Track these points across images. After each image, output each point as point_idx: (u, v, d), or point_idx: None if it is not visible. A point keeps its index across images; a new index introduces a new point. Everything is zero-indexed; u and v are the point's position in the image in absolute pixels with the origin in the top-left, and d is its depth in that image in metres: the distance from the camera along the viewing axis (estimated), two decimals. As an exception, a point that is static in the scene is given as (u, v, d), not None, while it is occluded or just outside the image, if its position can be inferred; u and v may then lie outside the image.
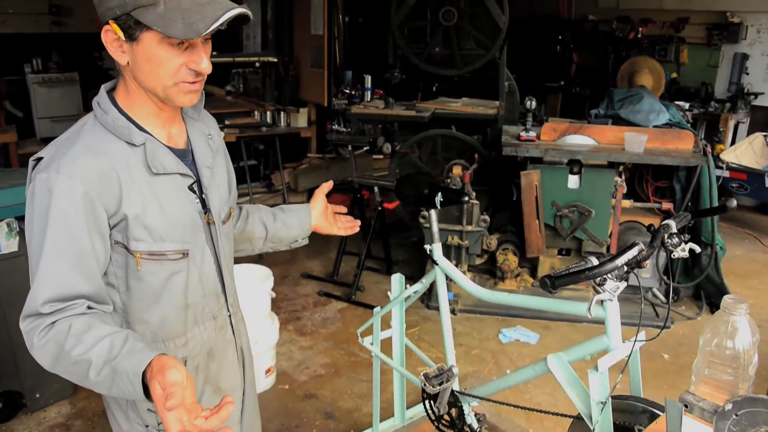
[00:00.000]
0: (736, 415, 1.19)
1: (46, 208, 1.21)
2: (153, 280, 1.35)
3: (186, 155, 1.41)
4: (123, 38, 1.22)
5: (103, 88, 1.34)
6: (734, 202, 1.81)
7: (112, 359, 1.13)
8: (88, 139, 1.27)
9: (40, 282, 1.21)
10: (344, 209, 1.93)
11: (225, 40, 8.35)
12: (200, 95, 1.42)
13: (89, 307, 1.23)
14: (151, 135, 1.33)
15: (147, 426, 1.43)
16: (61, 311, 1.19)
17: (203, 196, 1.43)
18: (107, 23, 1.22)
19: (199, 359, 1.48)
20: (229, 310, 1.56)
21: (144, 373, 1.10)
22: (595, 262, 1.50)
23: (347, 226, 1.90)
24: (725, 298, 1.34)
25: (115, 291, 1.34)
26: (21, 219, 2.86)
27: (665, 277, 4.31)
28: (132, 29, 1.20)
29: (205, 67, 1.26)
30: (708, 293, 4.42)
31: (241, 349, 1.65)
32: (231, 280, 1.56)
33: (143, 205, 1.29)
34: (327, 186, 1.85)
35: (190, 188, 1.40)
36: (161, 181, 1.33)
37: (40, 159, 1.27)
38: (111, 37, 1.24)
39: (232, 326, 1.58)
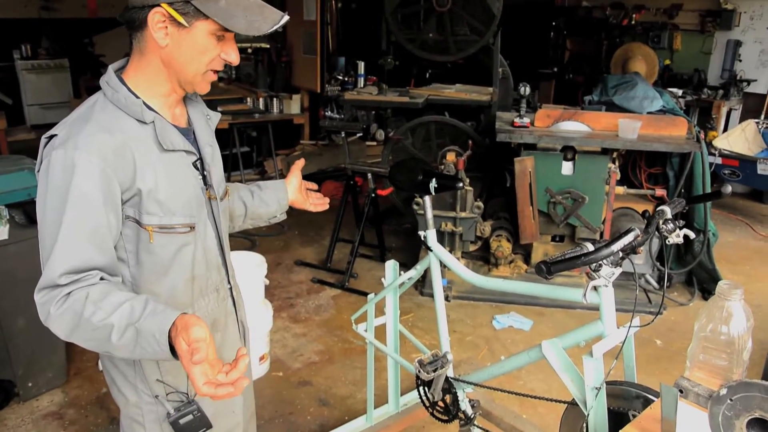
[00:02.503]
0: (731, 399, 1.20)
1: (66, 184, 1.24)
2: (164, 252, 1.40)
3: (188, 134, 1.47)
4: (177, 22, 1.27)
5: (111, 68, 1.39)
6: (729, 188, 1.80)
7: (135, 321, 1.18)
8: (101, 116, 1.31)
9: (57, 254, 1.24)
10: (315, 186, 1.98)
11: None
12: None
13: (102, 278, 1.27)
14: (158, 114, 1.38)
15: (156, 396, 1.47)
16: (76, 282, 1.24)
17: (205, 173, 1.50)
18: (158, 5, 1.26)
19: None
20: (229, 283, 1.63)
21: (168, 333, 1.15)
22: (591, 247, 1.49)
23: (317, 203, 1.94)
24: (720, 283, 1.34)
25: (125, 265, 1.38)
26: (11, 206, 2.83)
27: (658, 264, 4.32)
28: (188, 16, 1.26)
29: (235, 58, 1.35)
30: (700, 279, 4.44)
31: (242, 322, 1.72)
32: (229, 254, 1.63)
33: (155, 181, 1.34)
34: (300, 163, 1.92)
35: (194, 165, 1.45)
36: (170, 157, 1.38)
37: (52, 137, 1.30)
38: (158, 18, 1.27)
39: (233, 298, 1.65)
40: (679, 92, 6.67)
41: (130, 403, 1.49)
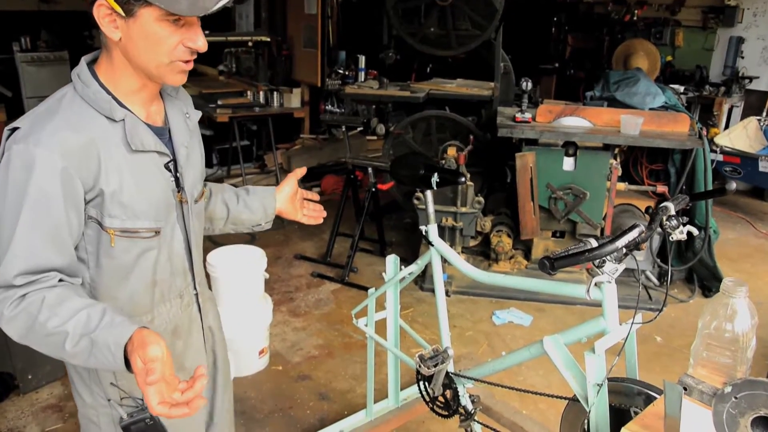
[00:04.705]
0: (736, 397, 1.19)
1: (24, 181, 1.20)
2: (125, 257, 1.36)
3: (163, 133, 1.41)
4: (119, 13, 1.20)
5: (83, 61, 1.33)
6: (734, 185, 1.80)
7: (91, 332, 1.15)
8: (68, 112, 1.26)
9: (13, 254, 1.20)
10: (316, 197, 1.87)
11: (217, 19, 8.24)
12: None
13: (61, 280, 1.23)
14: (130, 111, 1.32)
15: (109, 400, 1.44)
16: (33, 283, 1.20)
17: (178, 174, 1.43)
18: None
19: (164, 337, 1.48)
20: (195, 289, 1.57)
21: (125, 346, 1.12)
22: (594, 243, 1.48)
23: (311, 215, 1.83)
24: (725, 280, 1.33)
25: (85, 266, 1.35)
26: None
27: (658, 260, 4.32)
28: (130, 4, 1.19)
29: (202, 44, 1.26)
30: (701, 276, 4.44)
31: (209, 329, 1.67)
32: (199, 259, 1.56)
33: (120, 182, 1.29)
34: (300, 171, 1.80)
35: (166, 166, 1.40)
36: (139, 158, 1.33)
37: (15, 129, 1.24)
38: (104, 12, 1.21)
39: (198, 305, 1.60)
40: (681, 89, 6.63)
41: (86, 404, 1.48)
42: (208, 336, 1.66)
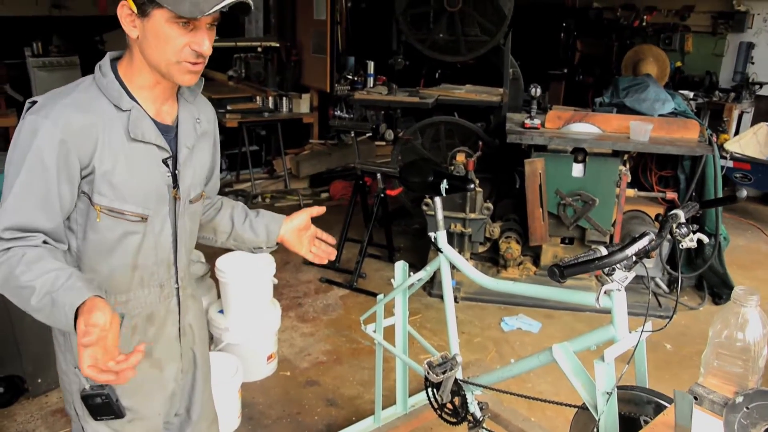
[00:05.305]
0: (747, 408, 1.18)
1: (27, 146, 1.33)
2: (109, 234, 1.45)
3: (170, 131, 1.50)
4: (136, 13, 1.34)
5: (108, 55, 1.47)
6: (744, 193, 1.79)
7: (54, 291, 1.23)
8: (80, 95, 1.39)
9: (6, 210, 1.32)
10: (333, 240, 1.85)
11: (227, 24, 8.30)
12: (200, 81, 1.50)
13: (45, 242, 1.34)
14: (139, 105, 1.43)
15: (76, 367, 1.51)
16: (19, 239, 1.31)
17: (176, 171, 1.51)
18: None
19: (137, 320, 1.56)
20: (177, 283, 1.62)
21: (78, 309, 1.20)
22: (604, 251, 1.48)
23: (319, 254, 1.83)
24: (736, 289, 1.32)
25: (74, 236, 1.45)
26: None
27: (668, 267, 4.30)
28: (145, 5, 1.32)
29: (206, 49, 1.37)
30: (711, 284, 4.41)
31: (189, 326, 1.71)
32: (185, 256, 1.63)
33: (113, 165, 1.39)
34: (318, 210, 1.80)
35: (165, 162, 1.48)
36: (137, 147, 1.43)
37: (34, 102, 1.38)
38: (126, 11, 1.35)
39: (178, 299, 1.64)
40: (691, 94, 6.62)
41: (62, 370, 1.58)
42: (186, 332, 1.69)
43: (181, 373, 1.70)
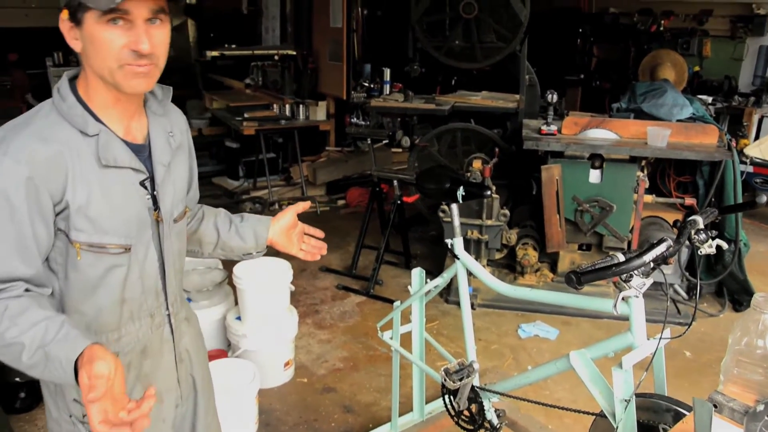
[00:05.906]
0: (768, 416, 1.17)
1: None
2: (91, 271, 1.33)
3: (143, 150, 1.38)
4: (73, 24, 1.23)
5: (65, 75, 1.33)
6: (764, 198, 1.77)
7: (46, 344, 1.14)
8: (40, 124, 1.26)
9: None
10: (321, 234, 1.80)
11: (244, 33, 8.38)
12: (166, 90, 1.42)
13: (27, 290, 1.23)
14: (107, 127, 1.31)
15: (71, 416, 1.43)
16: None
17: (155, 193, 1.40)
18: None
19: (131, 356, 1.46)
20: (168, 310, 1.51)
21: (77, 361, 1.12)
22: (621, 258, 1.47)
23: (310, 251, 1.76)
24: (756, 296, 1.31)
25: (55, 277, 1.34)
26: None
27: (687, 273, 4.26)
28: (77, 12, 1.21)
29: (145, 47, 1.22)
30: (731, 290, 4.36)
31: (186, 351, 1.61)
32: (175, 279, 1.52)
33: (88, 197, 1.27)
34: (303, 206, 1.73)
35: (142, 184, 1.37)
36: (111, 173, 1.31)
37: None
38: (67, 25, 1.24)
39: (171, 326, 1.54)
40: (709, 99, 6.55)
41: (52, 417, 1.47)
42: (183, 358, 1.60)
43: (180, 399, 1.61)
